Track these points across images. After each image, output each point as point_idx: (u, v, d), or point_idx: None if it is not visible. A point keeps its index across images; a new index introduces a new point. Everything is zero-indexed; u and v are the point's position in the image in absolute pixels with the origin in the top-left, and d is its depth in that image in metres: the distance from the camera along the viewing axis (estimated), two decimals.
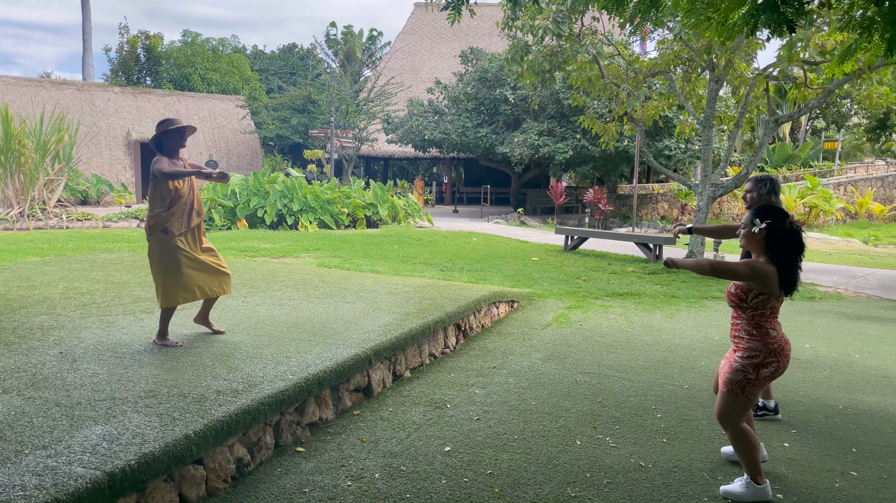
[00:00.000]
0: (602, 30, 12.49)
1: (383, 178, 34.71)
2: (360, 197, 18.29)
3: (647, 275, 11.44)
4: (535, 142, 22.61)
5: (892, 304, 9.24)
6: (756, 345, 3.30)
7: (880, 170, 31.43)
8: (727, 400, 3.35)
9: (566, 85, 18.54)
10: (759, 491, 3.35)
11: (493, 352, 6.14)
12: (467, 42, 32.98)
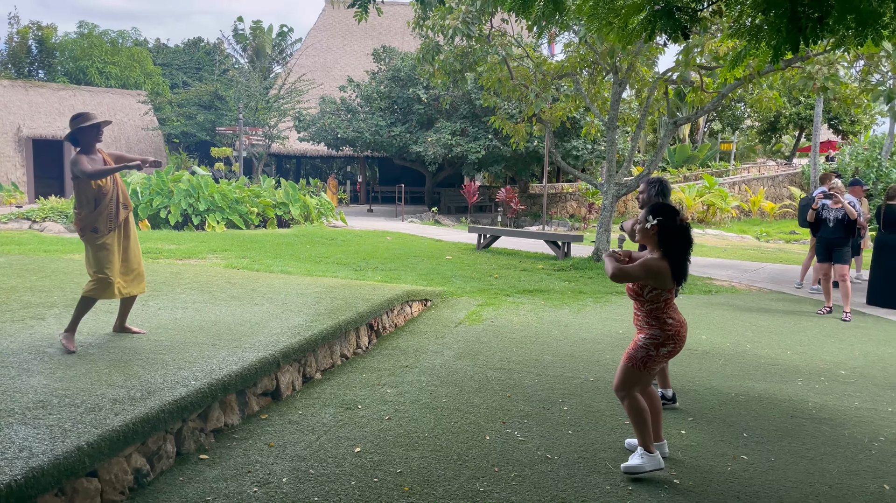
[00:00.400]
0: (511, 32, 12.71)
1: (295, 177, 34.05)
2: (270, 196, 17.89)
3: (556, 271, 11.73)
4: (449, 141, 22.77)
5: (781, 296, 9.85)
6: (656, 332, 3.63)
7: (771, 170, 33.48)
8: (628, 372, 3.66)
9: (477, 85, 18.77)
10: (652, 459, 3.65)
11: (406, 350, 6.15)
12: (380, 40, 32.84)
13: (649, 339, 3.62)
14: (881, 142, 28.81)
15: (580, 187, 26.40)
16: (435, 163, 23.53)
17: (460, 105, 23.83)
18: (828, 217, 8.38)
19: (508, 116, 19.20)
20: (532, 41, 14.02)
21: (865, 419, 4.69)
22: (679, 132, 35.48)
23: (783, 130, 37.46)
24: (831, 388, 5.37)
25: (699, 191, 25.75)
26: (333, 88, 30.01)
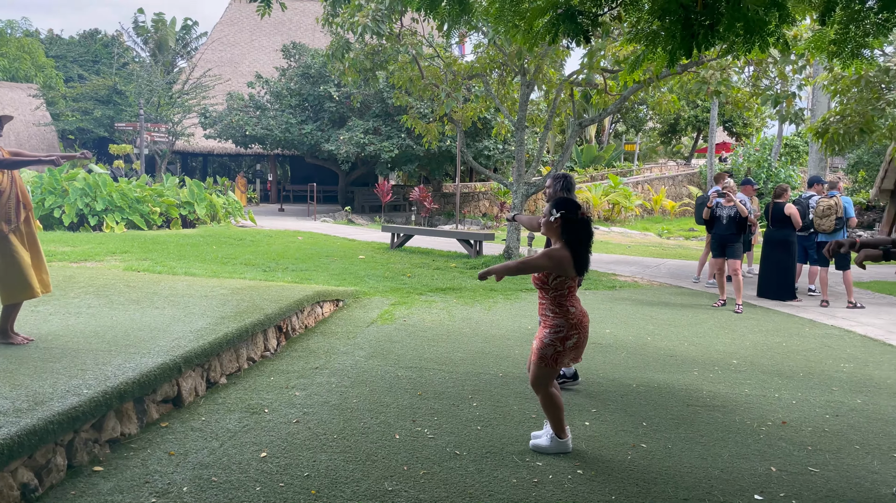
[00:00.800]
0: (422, 31, 12.74)
1: (202, 176, 32.95)
2: (174, 195, 17.22)
3: (469, 269, 11.86)
4: (361, 140, 22.61)
5: (680, 291, 10.32)
6: (559, 321, 3.81)
7: (671, 170, 35.04)
8: (540, 369, 3.85)
9: (389, 84, 18.72)
10: (561, 444, 3.93)
11: (316, 352, 6.06)
12: (290, 36, 32.23)
13: (554, 334, 3.78)
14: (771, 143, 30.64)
15: (492, 186, 26.80)
16: (348, 161, 23.32)
17: (373, 103, 23.71)
18: (721, 215, 8.85)
19: (421, 116, 19.26)
20: (443, 41, 14.11)
21: (755, 405, 4.97)
22: (585, 133, 36.60)
23: (682, 132, 39.28)
24: (724, 377, 5.68)
25: (605, 190, 26.65)
26: (241, 84, 29.22)
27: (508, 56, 12.10)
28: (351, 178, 27.94)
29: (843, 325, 7.96)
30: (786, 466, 3.90)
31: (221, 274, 9.40)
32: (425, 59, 12.98)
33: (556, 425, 3.91)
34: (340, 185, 28.02)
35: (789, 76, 11.02)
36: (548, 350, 3.79)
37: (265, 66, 31.30)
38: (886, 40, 6.31)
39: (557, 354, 3.79)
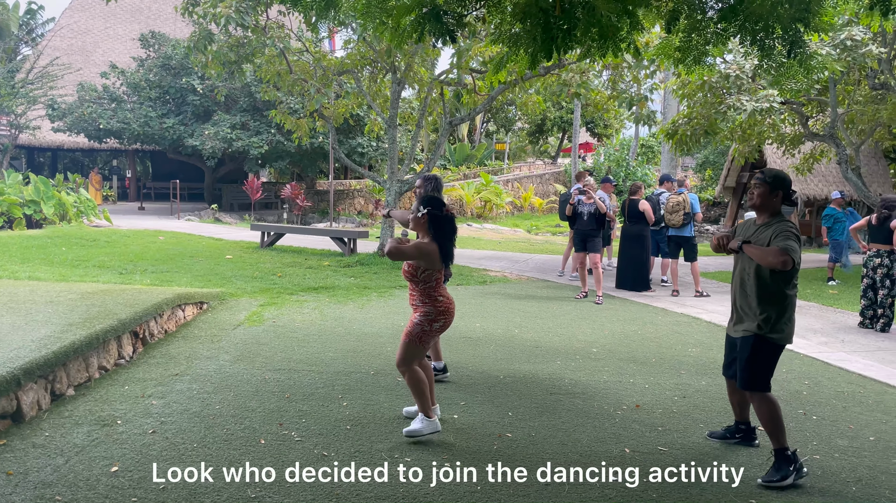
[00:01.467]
0: (290, 24, 12.44)
1: (51, 172, 30.42)
2: (17, 193, 15.81)
3: (343, 268, 11.74)
4: (228, 135, 21.76)
5: (546, 284, 10.74)
6: (428, 308, 4.13)
7: (539, 168, 36.38)
8: (407, 347, 4.10)
9: (256, 78, 18.14)
10: (431, 423, 4.12)
11: (177, 358, 5.77)
12: (148, 25, 30.47)
13: (424, 317, 4.11)
14: (629, 144, 32.55)
15: (367, 184, 26.65)
16: (214, 157, 22.37)
17: (240, 97, 22.89)
18: (582, 211, 9.29)
19: (291, 111, 18.81)
20: (312, 36, 13.83)
21: (612, 391, 5.26)
22: (458, 132, 37.23)
23: (549, 132, 40.86)
24: (584, 365, 5.96)
25: (477, 188, 27.24)
26: (94, 75, 27.26)
27: (378, 53, 12.07)
28: (218, 175, 26.83)
29: (691, 313, 8.59)
30: (638, 447, 4.15)
31: (71, 277, 8.74)
32: (294, 54, 12.69)
33: (422, 404, 4.10)
34: (207, 182, 26.83)
35: (642, 80, 11.74)
36: (416, 328, 4.10)
37: (121, 56, 29.40)
38: (725, 48, 6.89)
39: (424, 333, 4.10)
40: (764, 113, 10.54)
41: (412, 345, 4.10)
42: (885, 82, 11.95)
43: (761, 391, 3.80)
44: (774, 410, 3.76)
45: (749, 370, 3.82)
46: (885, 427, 4.64)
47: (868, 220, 8.15)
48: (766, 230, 3.81)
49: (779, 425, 3.74)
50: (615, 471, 3.73)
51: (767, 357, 3.81)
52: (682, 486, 3.63)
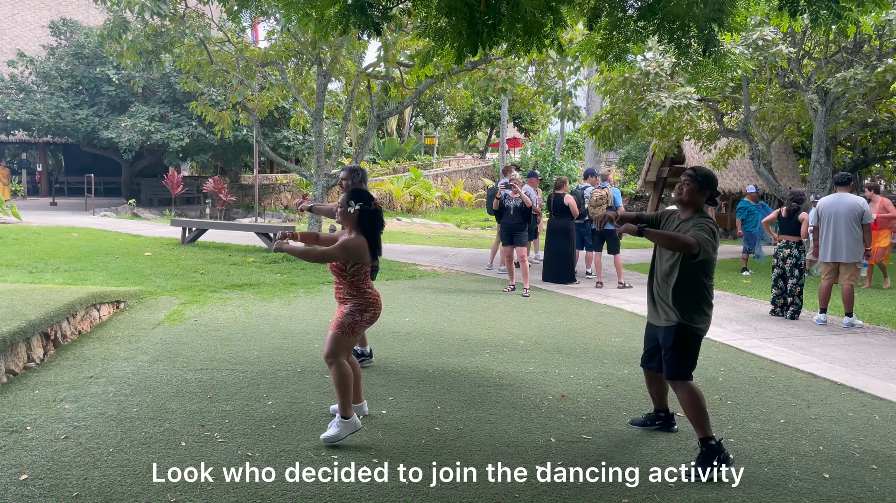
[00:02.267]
0: (210, 13, 12.06)
1: None
2: None
3: (268, 264, 11.50)
4: (147, 127, 20.97)
5: (475, 278, 10.82)
6: (357, 300, 4.08)
7: (468, 163, 36.62)
8: (337, 339, 4.00)
9: (176, 68, 17.53)
10: (349, 423, 3.99)
11: (92, 359, 5.51)
12: (59, 11, 29.00)
13: (355, 307, 4.05)
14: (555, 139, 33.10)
15: (294, 178, 26.20)
16: (131, 151, 21.52)
17: (158, 88, 22.09)
18: (509, 205, 9.40)
19: (213, 103, 18.29)
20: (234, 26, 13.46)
21: (538, 381, 5.35)
22: (386, 126, 37.03)
23: (477, 127, 41.17)
24: (512, 357, 6.04)
25: (406, 182, 27.18)
26: (1, 63, 25.75)
27: (303, 45, 11.86)
28: (136, 169, 25.83)
29: (614, 304, 8.83)
30: (564, 436, 4.23)
31: None
32: (215, 44, 12.32)
33: (343, 402, 3.98)
34: (124, 177, 25.79)
35: (566, 76, 11.96)
36: (347, 319, 4.01)
37: (30, 44, 27.86)
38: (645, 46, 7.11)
39: (355, 323, 4.02)
40: (682, 109, 10.92)
41: (343, 337, 4.02)
42: (794, 81, 12.57)
43: (684, 380, 3.84)
44: (698, 400, 3.79)
45: (673, 359, 3.85)
46: (795, 410, 4.89)
47: (778, 212, 8.56)
48: (686, 224, 3.86)
49: (703, 414, 3.78)
50: (542, 461, 3.79)
51: (690, 346, 3.85)
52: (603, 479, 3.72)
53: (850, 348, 6.80)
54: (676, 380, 3.86)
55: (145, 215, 21.95)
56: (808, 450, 4.14)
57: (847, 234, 7.73)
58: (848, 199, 7.78)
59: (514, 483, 3.54)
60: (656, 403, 4.38)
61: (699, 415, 3.79)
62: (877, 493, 3.56)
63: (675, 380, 3.87)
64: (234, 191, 25.36)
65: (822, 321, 7.96)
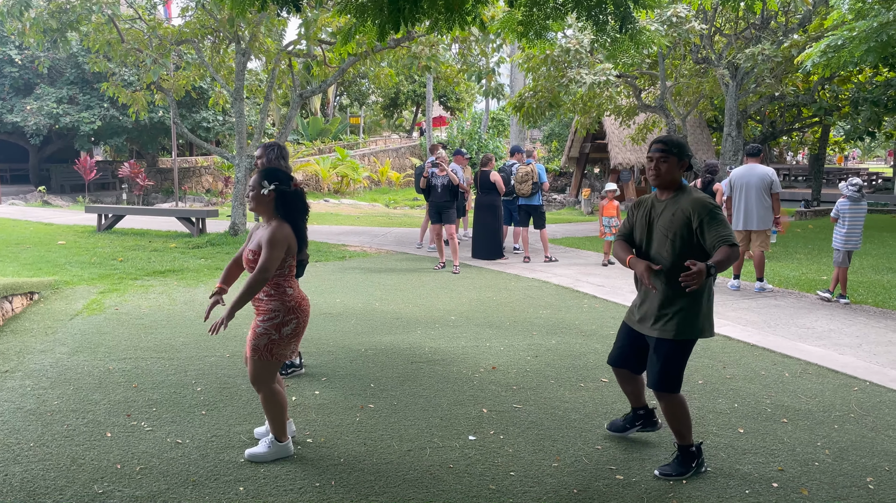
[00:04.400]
0: None
1: None
2: None
3: (192, 249, 11.19)
4: (54, 110, 19.92)
5: (406, 257, 10.84)
6: (275, 304, 3.37)
7: (395, 142, 36.41)
8: (257, 364, 3.38)
9: (84, 47, 16.68)
10: (281, 448, 3.50)
11: (6, 353, 5.27)
12: None
13: (268, 321, 3.36)
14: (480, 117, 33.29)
15: (215, 161, 25.44)
16: (39, 135, 20.40)
17: (65, 69, 20.98)
18: (436, 184, 9.43)
19: (125, 84, 17.51)
20: (145, 2, 12.89)
21: (470, 355, 5.44)
22: (310, 106, 36.37)
23: (403, 106, 40.94)
24: (444, 333, 6.11)
25: (333, 163, 26.84)
26: None
27: (220, 22, 11.48)
28: (45, 154, 24.51)
29: (541, 278, 9.03)
30: (495, 406, 4.33)
31: None
32: (125, 21, 11.79)
33: (276, 427, 3.48)
34: (32, 163, 24.44)
35: (489, 54, 12.03)
36: (261, 340, 3.35)
37: None
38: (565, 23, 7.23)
39: (272, 343, 3.35)
40: (602, 86, 11.17)
41: (262, 362, 3.37)
42: (706, 56, 13.04)
43: (672, 392, 3.37)
44: (684, 410, 3.40)
45: (663, 371, 3.35)
46: (711, 371, 5.15)
47: (693, 184, 8.91)
48: (674, 207, 3.31)
49: (687, 424, 3.41)
50: (475, 431, 3.88)
51: (683, 356, 3.38)
52: (538, 437, 3.84)
53: (762, 311, 7.19)
54: (663, 392, 3.37)
55: (57, 202, 20.91)
56: (724, 407, 4.38)
57: (758, 202, 8.12)
58: (758, 170, 8.17)
59: (448, 454, 3.61)
60: (633, 402, 3.84)
61: (682, 426, 3.41)
62: (787, 445, 3.81)
63: (662, 391, 3.38)
64: (151, 175, 24.43)
65: (735, 286, 8.37)
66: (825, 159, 24.88)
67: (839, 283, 7.61)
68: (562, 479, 3.35)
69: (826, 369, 5.22)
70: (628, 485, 3.30)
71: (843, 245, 7.51)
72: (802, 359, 5.49)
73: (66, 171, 23.52)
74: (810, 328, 6.49)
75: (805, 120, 21.60)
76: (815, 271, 9.46)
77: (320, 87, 12.80)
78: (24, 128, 20.03)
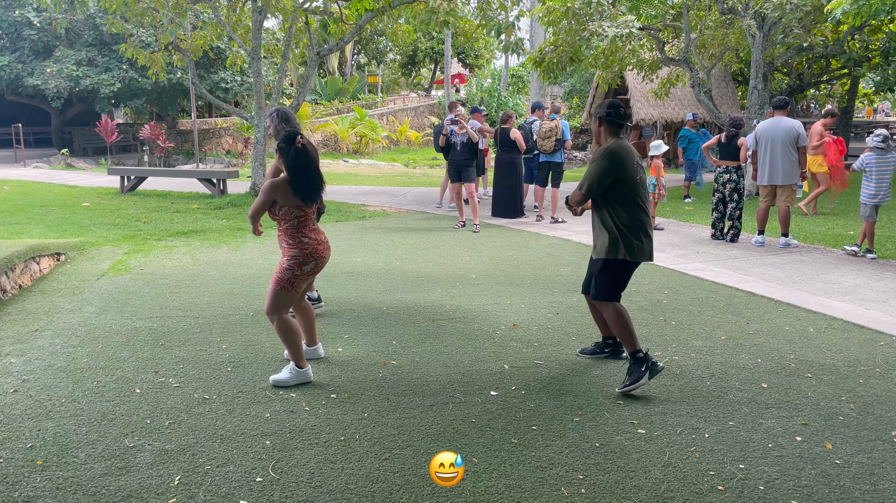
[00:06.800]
0: None
1: None
2: None
3: (213, 210, 11.28)
4: (74, 73, 19.94)
5: (425, 216, 10.83)
6: (295, 252, 3.89)
7: (413, 101, 36.05)
8: (277, 294, 3.89)
9: (101, 8, 16.59)
10: (301, 373, 3.93)
11: (35, 313, 5.38)
12: None
13: (292, 261, 3.87)
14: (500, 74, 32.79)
15: (235, 122, 25.41)
16: (60, 98, 20.48)
17: (84, 31, 20.93)
18: (455, 142, 9.34)
19: (143, 45, 17.46)
20: None
21: (491, 313, 5.45)
22: (328, 65, 36.04)
23: (421, 64, 40.42)
24: (465, 291, 6.12)
25: (351, 122, 26.68)
26: None
27: None
28: (66, 117, 24.65)
29: (562, 236, 8.98)
30: (517, 363, 4.35)
31: None
32: None
33: (294, 353, 3.91)
34: (54, 126, 24.60)
35: (509, 7, 11.77)
36: (286, 274, 3.87)
37: None
38: None
39: (294, 278, 3.88)
40: (624, 39, 10.91)
41: (282, 293, 3.89)
42: (732, 7, 12.65)
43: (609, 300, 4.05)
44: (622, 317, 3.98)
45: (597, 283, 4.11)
46: (735, 327, 5.12)
47: (718, 138, 8.74)
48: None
49: (628, 330, 3.95)
50: (497, 386, 3.91)
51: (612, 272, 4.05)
52: (557, 393, 3.87)
53: (787, 267, 7.11)
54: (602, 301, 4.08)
55: (80, 165, 21.09)
56: (747, 363, 4.36)
57: (783, 156, 7.96)
58: (784, 123, 7.98)
59: (470, 409, 3.65)
60: (602, 330, 4.48)
61: (624, 331, 3.97)
62: (811, 399, 3.80)
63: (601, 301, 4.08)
64: (172, 136, 24.50)
65: (760, 242, 8.26)
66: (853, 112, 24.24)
67: (866, 238, 7.48)
68: (583, 433, 3.38)
69: (851, 324, 5.17)
70: (650, 439, 3.32)
71: (870, 199, 7.36)
72: (827, 314, 5.43)
73: (87, 133, 23.66)
74: (836, 283, 6.41)
75: (834, 72, 21.00)
76: (841, 226, 9.30)
77: (337, 44, 12.65)
78: (44, 91, 20.10)
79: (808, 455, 3.17)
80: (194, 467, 3.01)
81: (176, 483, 2.88)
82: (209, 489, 2.84)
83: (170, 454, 3.12)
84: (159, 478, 2.91)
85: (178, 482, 2.89)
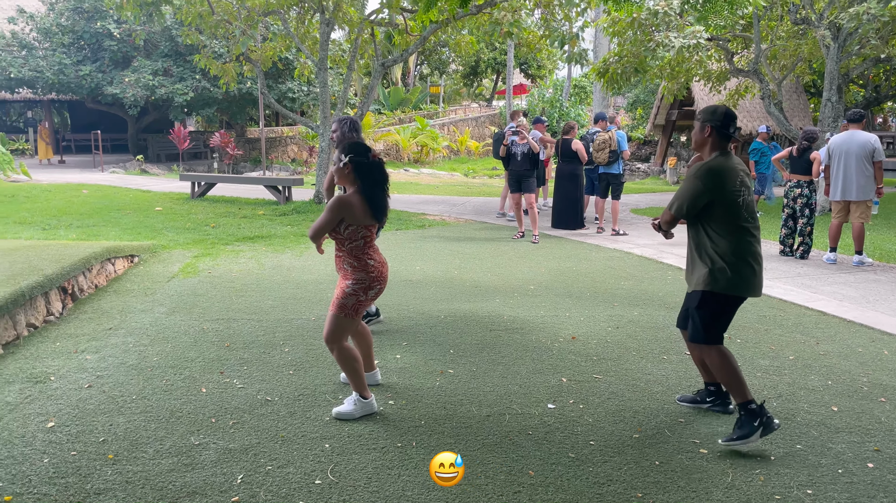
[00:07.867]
0: None
1: None
2: None
3: (278, 216, 11.55)
4: (150, 82, 20.79)
5: (484, 226, 10.84)
6: (361, 275, 3.55)
7: (475, 111, 36.19)
8: (338, 321, 3.55)
9: (177, 20, 17.28)
10: (365, 405, 3.64)
11: (109, 312, 5.62)
12: None
13: (357, 285, 3.54)
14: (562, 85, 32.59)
15: (300, 131, 26.02)
16: (136, 106, 21.39)
17: (160, 42, 21.82)
18: (516, 152, 9.33)
19: (216, 55, 18.07)
20: None
21: (549, 325, 5.41)
22: (391, 75, 36.54)
23: (483, 74, 40.54)
24: (523, 302, 6.10)
25: (413, 132, 26.96)
26: (1, 20, 25.42)
27: None
28: (142, 125, 25.71)
29: (623, 248, 8.84)
30: (575, 376, 4.31)
31: None
32: None
33: (357, 383, 3.62)
34: (130, 133, 25.70)
35: (573, 18, 11.71)
36: (349, 300, 3.53)
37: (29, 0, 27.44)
38: None
39: (359, 304, 3.56)
40: (691, 49, 10.71)
41: (345, 319, 3.54)
42: (805, 17, 12.27)
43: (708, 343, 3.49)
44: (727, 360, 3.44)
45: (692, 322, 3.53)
46: (804, 346, 4.94)
47: (789, 151, 8.47)
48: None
49: (736, 377, 3.41)
50: (554, 399, 3.88)
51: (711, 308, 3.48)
52: (619, 409, 3.81)
53: (860, 286, 6.82)
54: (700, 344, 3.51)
55: (153, 171, 21.95)
56: (816, 384, 4.20)
57: (858, 171, 7.66)
58: (859, 137, 7.68)
59: (527, 421, 3.63)
60: (704, 376, 3.85)
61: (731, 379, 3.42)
62: (885, 425, 3.63)
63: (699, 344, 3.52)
64: (240, 144, 25.25)
65: (831, 260, 7.96)
66: None
67: None
68: (643, 451, 3.32)
69: None
70: (712, 460, 3.23)
71: None
72: None
73: (161, 140, 24.62)
74: None
75: None
76: None
77: (402, 55, 12.83)
78: (122, 99, 21.02)
79: (881, 482, 3.03)
80: (256, 467, 3.09)
81: (238, 482, 2.96)
82: (270, 489, 2.91)
83: (233, 453, 3.21)
84: (223, 477, 3.00)
85: (240, 481, 2.97)
